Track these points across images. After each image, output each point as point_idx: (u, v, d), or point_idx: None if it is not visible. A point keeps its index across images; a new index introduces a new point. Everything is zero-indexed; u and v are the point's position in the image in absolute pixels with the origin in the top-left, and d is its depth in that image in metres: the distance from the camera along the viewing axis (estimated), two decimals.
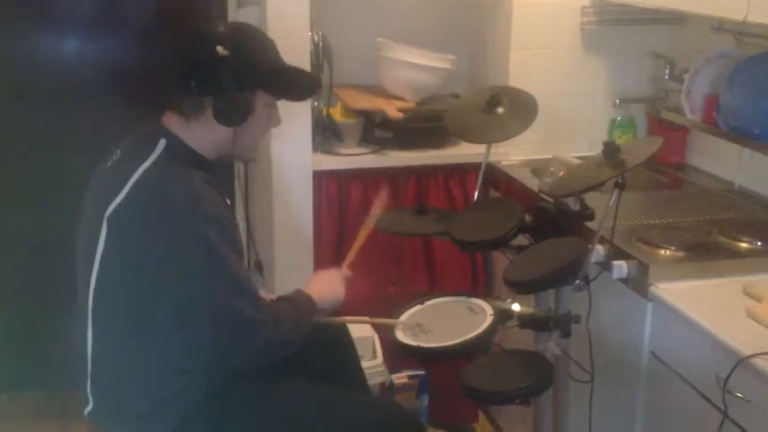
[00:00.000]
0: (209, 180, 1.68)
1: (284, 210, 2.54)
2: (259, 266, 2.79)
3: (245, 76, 1.67)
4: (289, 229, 2.55)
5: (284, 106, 2.42)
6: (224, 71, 1.64)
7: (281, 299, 1.80)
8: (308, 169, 2.52)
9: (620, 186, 1.64)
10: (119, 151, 1.73)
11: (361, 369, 2.08)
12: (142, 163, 1.64)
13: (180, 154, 1.69)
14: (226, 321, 1.62)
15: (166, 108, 1.72)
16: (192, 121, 1.70)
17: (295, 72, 1.81)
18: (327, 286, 1.89)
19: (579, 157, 2.37)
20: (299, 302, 1.79)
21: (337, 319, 1.98)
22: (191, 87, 1.67)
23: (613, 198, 1.66)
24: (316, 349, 1.85)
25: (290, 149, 2.49)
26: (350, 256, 2.01)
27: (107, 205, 1.63)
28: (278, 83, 1.75)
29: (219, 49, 1.63)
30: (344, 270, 1.96)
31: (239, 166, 3.00)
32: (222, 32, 1.67)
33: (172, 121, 1.71)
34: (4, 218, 2.95)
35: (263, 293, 1.84)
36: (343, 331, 2.05)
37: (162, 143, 1.67)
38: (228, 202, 1.78)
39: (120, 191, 1.62)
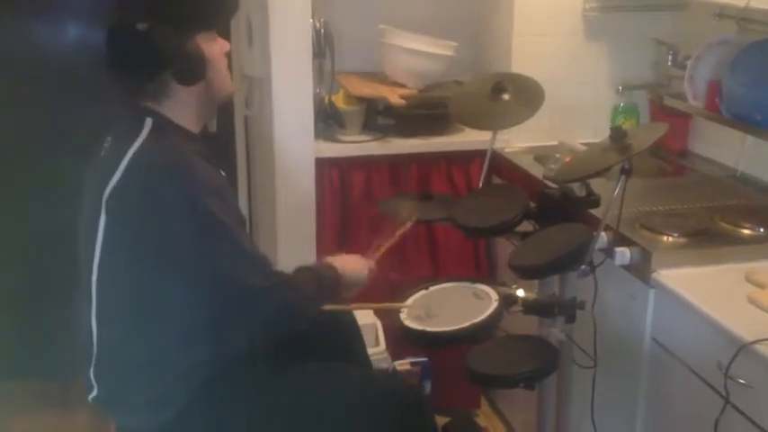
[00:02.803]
0: (201, 153, 1.69)
1: (287, 197, 2.54)
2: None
3: (178, 32, 1.64)
4: (291, 217, 2.55)
5: (285, 94, 2.46)
6: (158, 41, 1.61)
7: (300, 268, 1.79)
8: (310, 157, 2.52)
9: (627, 172, 1.65)
10: (109, 139, 1.73)
11: (365, 350, 2.09)
12: (132, 143, 1.64)
13: (168, 130, 1.69)
14: (233, 292, 1.63)
15: (135, 98, 1.70)
16: (163, 99, 1.69)
17: None
18: (354, 263, 1.88)
19: (584, 144, 2.37)
20: (320, 270, 1.78)
21: (343, 306, 1.98)
22: (143, 73, 1.65)
23: (620, 184, 1.67)
24: (320, 332, 1.85)
25: (293, 137, 2.49)
26: (377, 253, 1.98)
27: (104, 190, 1.63)
28: (208, 17, 1.72)
29: (140, 25, 1.61)
30: (371, 261, 1.94)
31: (240, 155, 3.01)
32: (133, 6, 1.64)
33: (149, 103, 1.70)
34: (6, 209, 2.95)
35: None
36: (349, 316, 2.05)
37: (149, 122, 1.67)
38: (223, 173, 1.78)
39: (114, 173, 1.62)
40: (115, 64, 1.67)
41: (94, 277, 1.68)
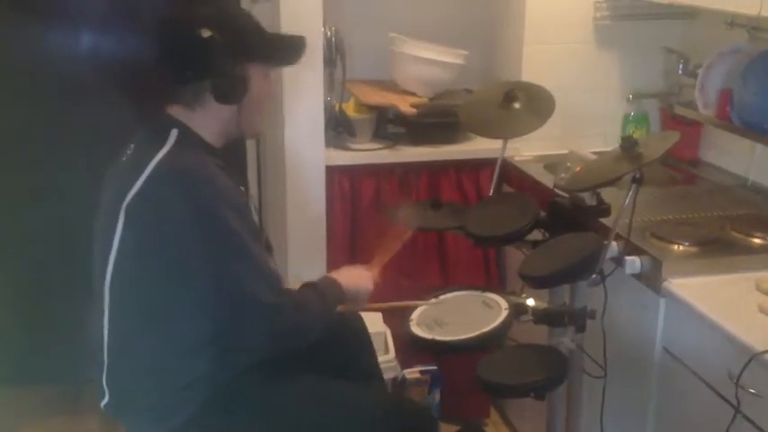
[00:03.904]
0: (222, 166, 1.70)
1: (297, 205, 2.55)
2: (269, 248, 2.79)
3: (235, 52, 1.67)
4: (302, 224, 2.56)
5: (296, 102, 2.47)
6: (213, 52, 1.65)
7: (306, 285, 1.80)
8: (320, 164, 2.53)
9: (638, 181, 1.64)
10: (132, 145, 1.75)
11: (376, 361, 2.09)
12: (157, 152, 1.65)
13: (192, 142, 1.71)
14: (244, 305, 1.63)
15: (168, 101, 1.73)
16: (196, 108, 1.71)
17: (280, 38, 1.82)
18: (357, 277, 1.89)
19: (594, 152, 2.37)
20: (324, 288, 1.79)
21: (373, 305, 1.98)
22: (186, 76, 1.67)
23: (630, 193, 1.67)
24: (333, 341, 1.86)
25: (304, 145, 2.50)
26: (379, 261, 1.99)
27: (125, 196, 1.64)
28: (267, 51, 1.76)
29: (203, 31, 1.64)
30: (375, 273, 1.95)
31: (250, 162, 3.02)
32: (202, 14, 1.68)
33: (177, 112, 1.73)
34: (17, 214, 2.97)
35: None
36: (359, 324, 2.06)
37: (174, 132, 1.69)
38: (243, 189, 1.79)
39: (136, 180, 1.63)
40: (163, 62, 1.70)
41: (108, 282, 1.69)
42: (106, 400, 1.77)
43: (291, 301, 1.71)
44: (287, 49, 1.81)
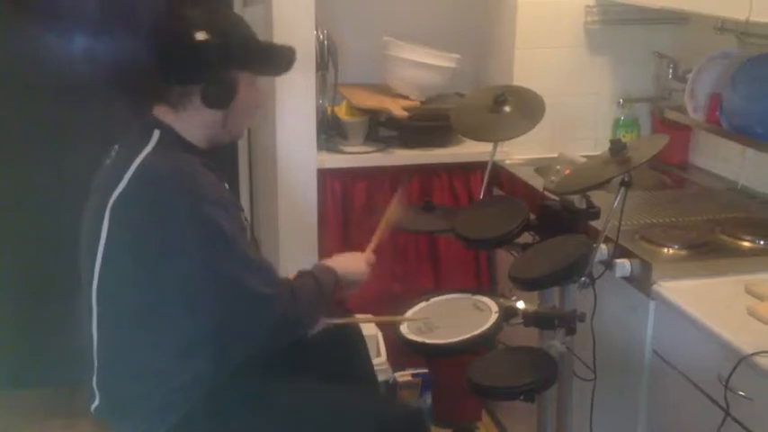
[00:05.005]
0: (206, 164, 1.70)
1: (289, 208, 2.55)
2: (256, 244, 2.79)
3: (227, 58, 1.68)
4: (293, 227, 2.56)
5: (288, 105, 2.47)
6: (205, 56, 1.66)
7: (301, 274, 1.81)
8: (312, 168, 2.54)
9: (627, 185, 1.65)
10: (116, 147, 1.76)
11: (371, 366, 2.09)
12: (139, 153, 1.66)
13: (174, 143, 1.71)
14: (238, 299, 1.64)
15: (155, 100, 1.73)
16: (180, 110, 1.71)
17: (272, 48, 1.83)
18: (351, 262, 1.91)
19: (584, 156, 2.38)
20: (319, 275, 1.80)
21: (345, 319, 1.99)
22: (175, 77, 1.68)
23: (619, 196, 1.67)
24: (328, 345, 1.86)
25: (295, 148, 2.51)
26: (373, 242, 2.01)
27: (109, 197, 1.64)
28: (257, 60, 1.77)
29: (198, 34, 1.65)
30: (369, 254, 1.97)
31: (242, 165, 3.02)
32: (196, 17, 1.68)
33: (162, 113, 1.73)
34: (10, 216, 2.96)
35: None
36: (355, 328, 2.06)
37: (156, 134, 1.69)
38: (227, 186, 1.79)
39: (120, 181, 1.64)
40: (155, 61, 1.70)
41: (95, 285, 1.69)
42: (96, 402, 1.76)
43: (288, 291, 1.71)
44: (278, 60, 1.81)
